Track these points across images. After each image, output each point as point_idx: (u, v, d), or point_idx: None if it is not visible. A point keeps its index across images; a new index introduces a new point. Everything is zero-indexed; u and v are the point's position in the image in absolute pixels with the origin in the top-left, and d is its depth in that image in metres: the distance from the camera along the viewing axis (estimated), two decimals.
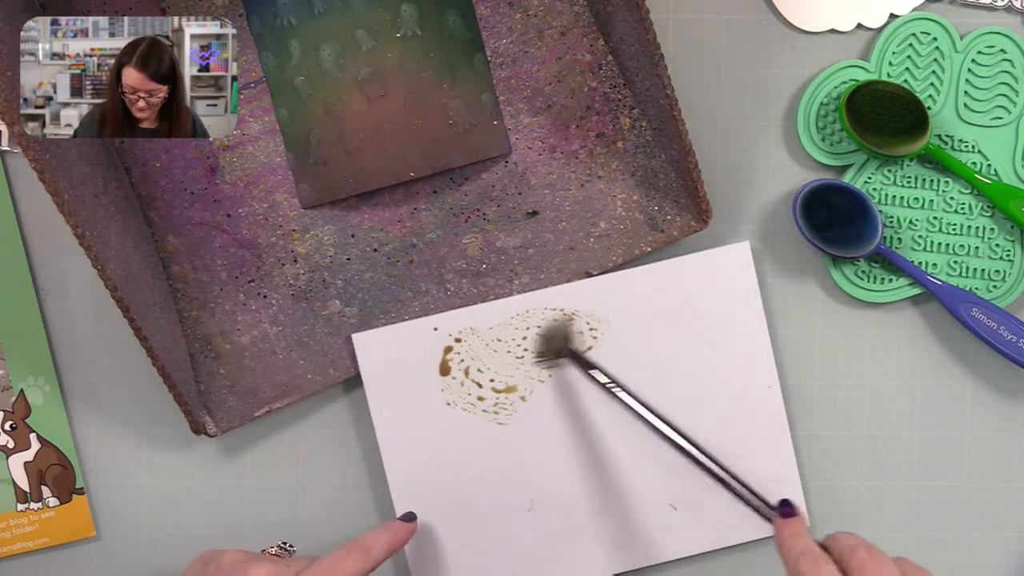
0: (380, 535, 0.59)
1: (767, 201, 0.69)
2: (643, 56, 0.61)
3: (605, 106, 0.68)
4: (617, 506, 0.67)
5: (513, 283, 0.67)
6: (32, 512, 0.68)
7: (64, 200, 0.56)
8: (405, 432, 0.67)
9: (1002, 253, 0.68)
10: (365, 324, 0.67)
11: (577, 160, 0.68)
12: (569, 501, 0.67)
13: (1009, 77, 0.67)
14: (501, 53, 0.67)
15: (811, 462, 0.69)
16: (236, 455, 0.69)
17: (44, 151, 0.56)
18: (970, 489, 0.70)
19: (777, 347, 0.68)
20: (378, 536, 0.59)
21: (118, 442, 0.68)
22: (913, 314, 0.69)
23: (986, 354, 0.69)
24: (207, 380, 0.66)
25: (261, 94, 0.67)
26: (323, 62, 0.66)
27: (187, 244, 0.67)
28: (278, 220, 0.68)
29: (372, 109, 0.66)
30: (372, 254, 0.68)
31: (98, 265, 0.57)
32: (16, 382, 0.67)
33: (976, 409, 0.69)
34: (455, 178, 0.68)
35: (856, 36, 0.68)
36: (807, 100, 0.68)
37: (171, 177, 0.67)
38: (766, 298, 0.68)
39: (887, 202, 0.68)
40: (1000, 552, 0.70)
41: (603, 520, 0.67)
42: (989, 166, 0.68)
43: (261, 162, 0.68)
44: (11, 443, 0.67)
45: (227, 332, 0.67)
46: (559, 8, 0.67)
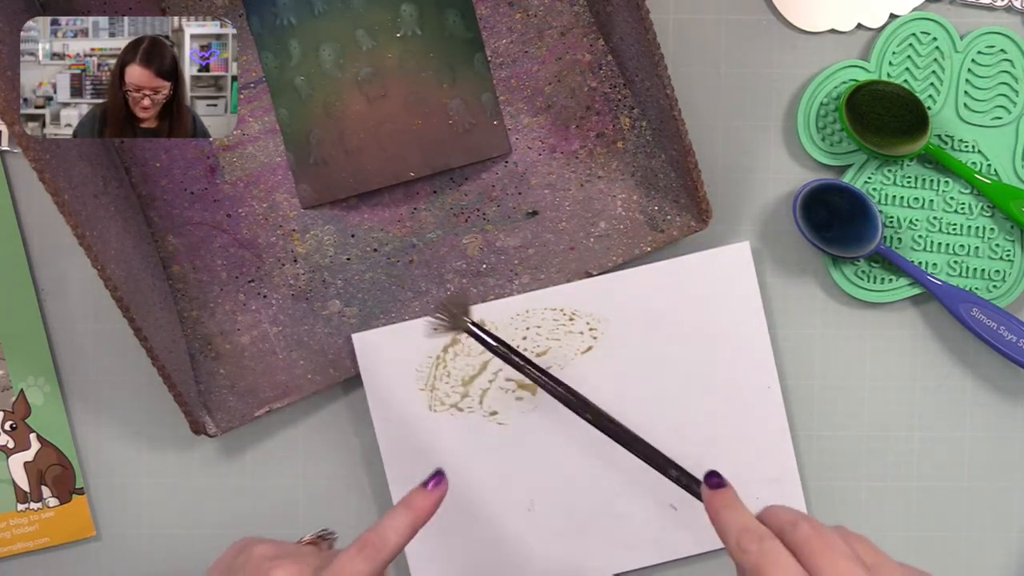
0: (397, 520, 0.53)
1: (767, 201, 0.69)
2: (643, 56, 0.61)
3: (605, 106, 0.68)
4: (617, 506, 0.67)
5: (513, 283, 0.67)
6: (32, 512, 0.68)
7: (64, 200, 0.56)
8: (405, 432, 0.67)
9: (1002, 253, 0.68)
10: (365, 324, 0.67)
11: (577, 160, 0.68)
12: (569, 501, 0.67)
13: (1009, 77, 0.67)
14: (501, 53, 0.67)
15: (811, 462, 0.69)
16: (236, 455, 0.69)
17: (44, 151, 0.56)
18: (970, 489, 0.70)
19: (777, 347, 0.68)
20: (395, 522, 0.53)
21: (118, 442, 0.68)
22: (913, 314, 0.69)
23: (986, 354, 0.69)
24: (207, 380, 0.66)
25: (261, 94, 0.67)
26: (323, 62, 0.66)
27: (187, 244, 0.67)
28: (278, 220, 0.68)
29: (372, 109, 0.66)
30: (372, 254, 0.68)
31: (98, 265, 0.57)
32: (16, 382, 0.67)
33: (976, 409, 0.69)
34: (455, 178, 0.68)
35: (856, 36, 0.68)
36: (807, 100, 0.68)
37: (171, 177, 0.67)
38: (766, 298, 0.68)
39: (887, 202, 0.68)
40: (1000, 552, 0.70)
41: (603, 520, 0.67)
42: (989, 166, 0.68)
43: (261, 162, 0.68)
44: (11, 443, 0.67)
45: (227, 332, 0.67)
46: (559, 8, 0.67)
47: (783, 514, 0.49)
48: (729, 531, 0.49)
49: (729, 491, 0.51)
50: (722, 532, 0.50)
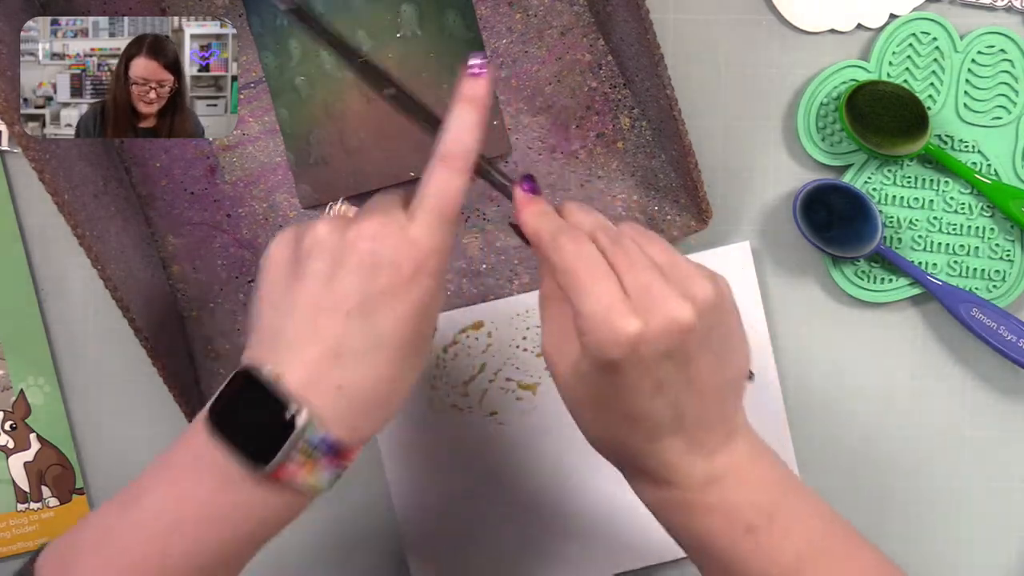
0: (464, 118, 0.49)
1: (767, 201, 0.69)
2: (643, 56, 0.61)
3: (605, 106, 0.68)
4: (617, 506, 0.67)
5: (513, 283, 0.67)
6: (32, 512, 0.68)
7: (64, 200, 0.56)
8: (405, 432, 0.67)
9: (1002, 253, 0.68)
10: None
11: (577, 160, 0.68)
12: (570, 501, 0.67)
13: (1009, 77, 0.67)
14: (501, 53, 0.67)
15: (811, 461, 0.69)
16: None
17: (44, 151, 0.56)
18: (970, 489, 0.70)
19: (777, 347, 0.68)
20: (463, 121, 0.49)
21: (118, 442, 0.68)
22: (913, 314, 0.69)
23: (986, 354, 0.69)
24: (207, 380, 0.66)
25: (261, 94, 0.67)
26: (323, 62, 0.66)
27: (187, 244, 0.67)
28: (278, 220, 0.68)
29: (372, 109, 0.66)
30: None
31: (98, 265, 0.57)
32: (16, 382, 0.67)
33: (976, 409, 0.69)
34: None
35: (856, 36, 0.68)
36: (807, 100, 0.68)
37: (171, 177, 0.67)
38: (766, 298, 0.68)
39: (887, 202, 0.68)
40: (1000, 552, 0.70)
41: (603, 520, 0.67)
42: (989, 166, 0.68)
43: (261, 162, 0.68)
44: (11, 443, 0.67)
45: (227, 332, 0.67)
46: (559, 8, 0.67)
47: (583, 217, 0.50)
48: (544, 232, 0.49)
49: (544, 199, 0.51)
50: (534, 233, 0.49)
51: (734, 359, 0.49)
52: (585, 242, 0.48)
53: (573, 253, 0.47)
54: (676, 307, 0.45)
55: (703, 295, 0.46)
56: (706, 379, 0.47)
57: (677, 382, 0.47)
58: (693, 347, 0.46)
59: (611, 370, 0.46)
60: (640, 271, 0.46)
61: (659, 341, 0.45)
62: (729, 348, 0.49)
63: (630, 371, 0.46)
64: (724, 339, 0.48)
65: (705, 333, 0.47)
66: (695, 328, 0.46)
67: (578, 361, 0.48)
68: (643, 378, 0.46)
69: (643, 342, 0.45)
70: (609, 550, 0.67)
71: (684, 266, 0.48)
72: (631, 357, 0.45)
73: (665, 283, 0.46)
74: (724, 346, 0.48)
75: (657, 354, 0.45)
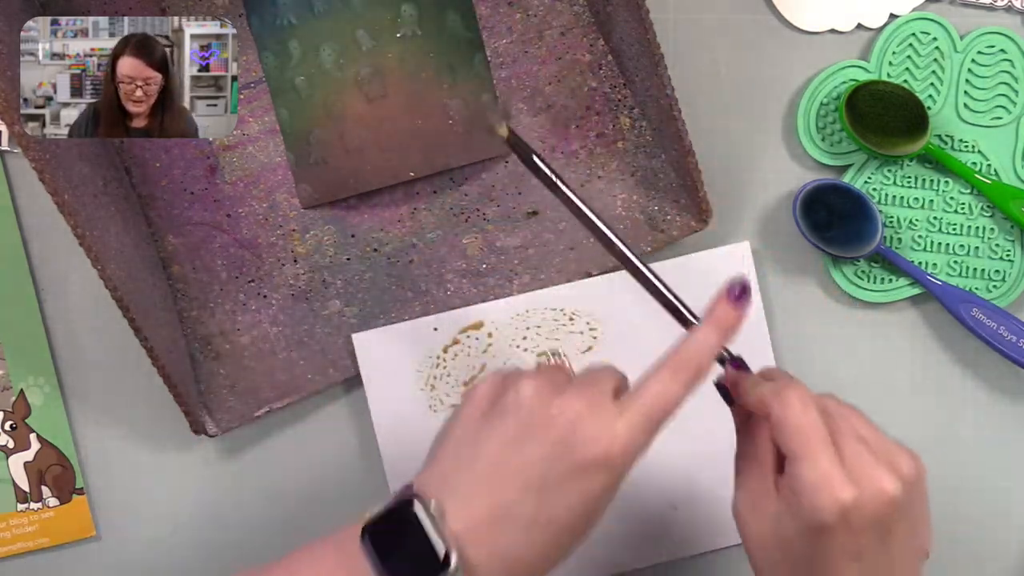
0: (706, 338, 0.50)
1: (767, 201, 0.69)
2: (643, 56, 0.61)
3: (605, 106, 0.68)
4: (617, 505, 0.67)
5: (513, 283, 0.67)
6: (32, 512, 0.68)
7: (64, 200, 0.56)
8: (405, 432, 0.67)
9: (1002, 253, 0.68)
10: (365, 324, 0.67)
11: (577, 160, 0.68)
12: None
13: (1009, 77, 0.67)
14: (501, 53, 0.67)
15: None
16: (236, 455, 0.69)
17: (44, 151, 0.56)
18: (970, 489, 0.70)
19: (777, 347, 0.68)
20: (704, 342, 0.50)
21: (118, 442, 0.68)
22: (913, 314, 0.69)
23: (986, 354, 0.69)
24: (207, 380, 0.66)
25: (261, 94, 0.67)
26: (323, 62, 0.66)
27: (187, 244, 0.67)
28: (278, 220, 0.68)
29: (372, 109, 0.67)
30: (372, 254, 0.68)
31: (98, 265, 0.57)
32: (16, 382, 0.67)
33: (976, 409, 0.69)
34: (455, 178, 0.68)
35: (856, 36, 0.68)
36: (807, 100, 0.68)
37: (171, 177, 0.67)
38: (766, 298, 0.68)
39: (887, 202, 0.68)
40: (1000, 552, 0.70)
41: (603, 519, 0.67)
42: (989, 166, 0.68)
43: (261, 162, 0.68)
44: (11, 443, 0.67)
45: (227, 332, 0.67)
46: (559, 8, 0.67)
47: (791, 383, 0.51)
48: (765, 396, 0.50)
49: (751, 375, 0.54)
50: (758, 401, 0.51)
51: (921, 534, 0.52)
52: (812, 406, 0.49)
53: (801, 414, 0.49)
54: (886, 479, 0.48)
55: (907, 470, 0.49)
56: (897, 551, 0.49)
57: (875, 551, 0.49)
58: (894, 519, 0.49)
59: (818, 533, 0.48)
60: (852, 442, 0.49)
61: (868, 510, 0.48)
62: (919, 524, 0.51)
63: (837, 536, 0.48)
64: (918, 515, 0.51)
65: (906, 507, 0.49)
66: (900, 501, 0.48)
67: (779, 522, 0.49)
68: (847, 544, 0.48)
69: (854, 509, 0.47)
70: (609, 550, 0.67)
71: (886, 440, 0.50)
72: (841, 523, 0.47)
73: (874, 455, 0.49)
74: (916, 521, 0.51)
75: (864, 522, 0.48)
